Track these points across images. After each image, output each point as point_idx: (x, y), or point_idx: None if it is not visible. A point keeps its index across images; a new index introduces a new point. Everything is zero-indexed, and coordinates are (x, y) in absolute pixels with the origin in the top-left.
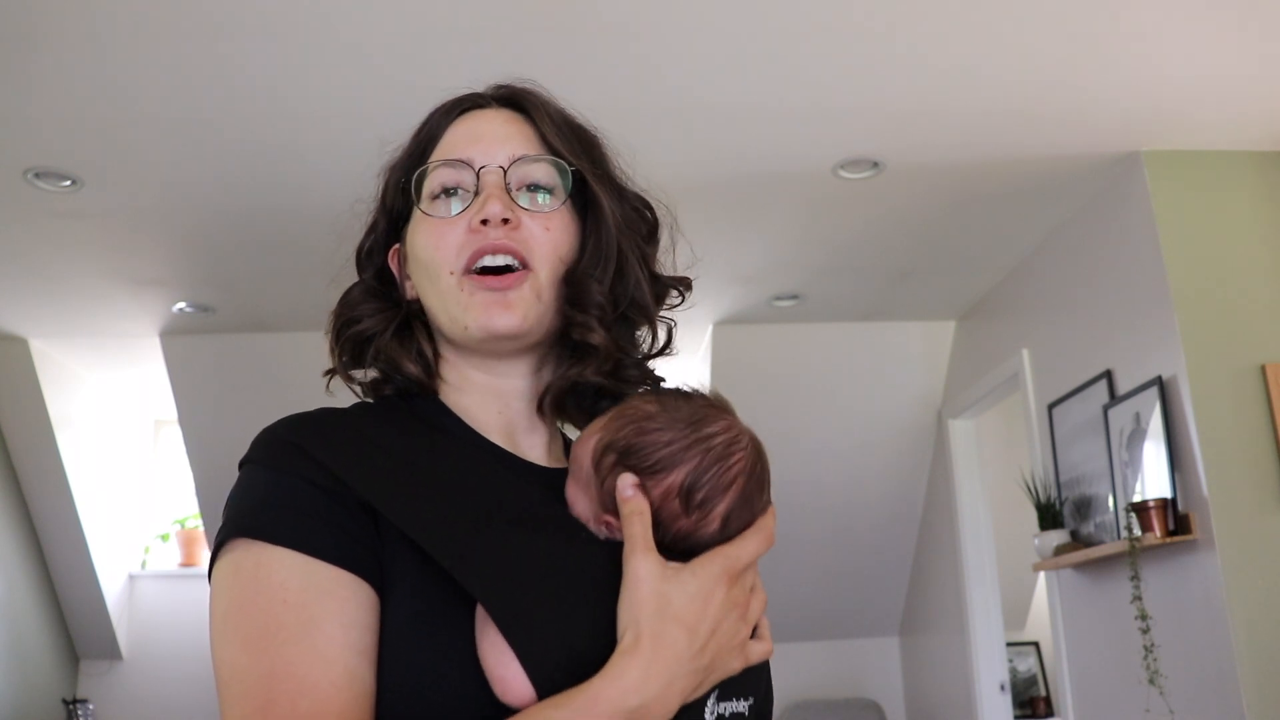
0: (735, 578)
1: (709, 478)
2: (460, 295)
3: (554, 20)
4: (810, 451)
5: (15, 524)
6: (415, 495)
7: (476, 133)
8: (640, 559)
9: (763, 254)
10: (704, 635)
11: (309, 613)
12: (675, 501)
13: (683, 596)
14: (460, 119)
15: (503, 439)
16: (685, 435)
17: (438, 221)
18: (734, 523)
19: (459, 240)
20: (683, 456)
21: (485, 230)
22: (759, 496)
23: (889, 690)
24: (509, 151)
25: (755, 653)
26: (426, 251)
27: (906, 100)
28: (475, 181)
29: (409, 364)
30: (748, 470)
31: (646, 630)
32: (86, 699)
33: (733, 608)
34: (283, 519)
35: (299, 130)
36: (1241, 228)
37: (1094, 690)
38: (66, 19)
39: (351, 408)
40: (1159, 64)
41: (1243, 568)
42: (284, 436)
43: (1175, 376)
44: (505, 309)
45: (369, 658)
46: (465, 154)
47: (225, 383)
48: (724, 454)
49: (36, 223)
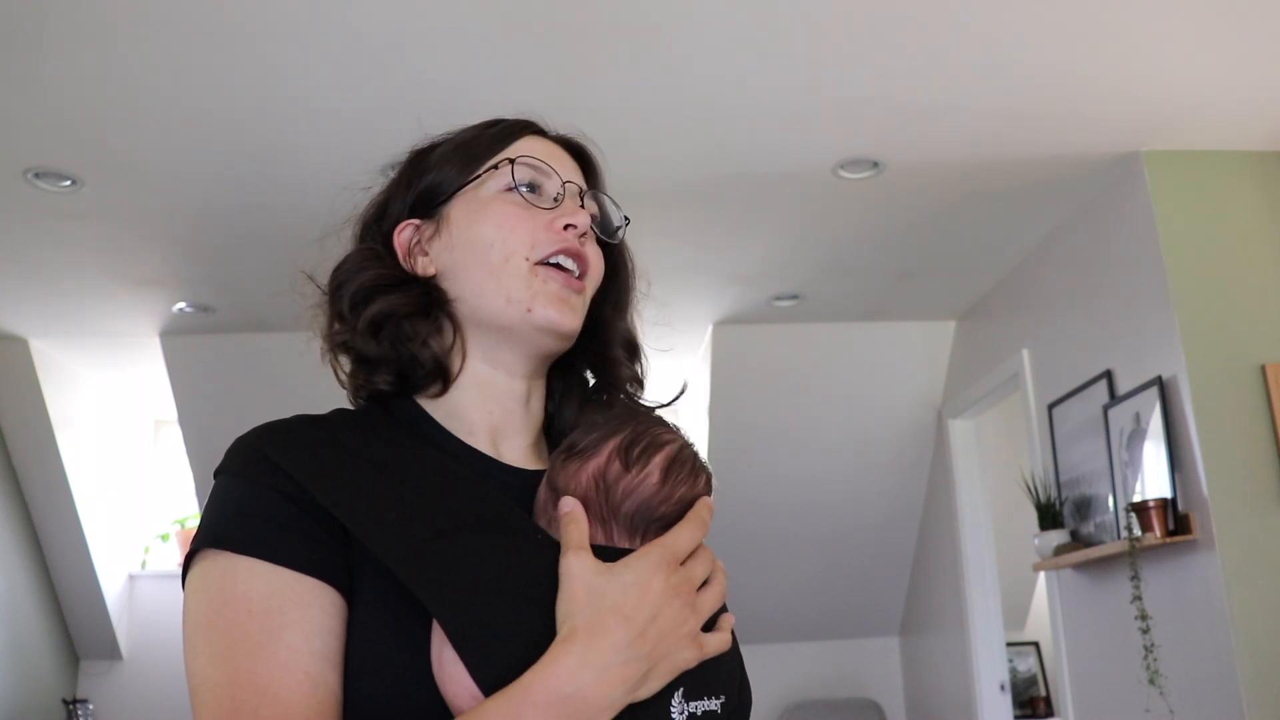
0: (673, 565)
1: (644, 436)
2: (533, 281)
3: (553, 21)
4: (810, 451)
5: (15, 524)
6: (378, 503)
7: (553, 153)
8: (572, 556)
9: (763, 254)
10: (642, 622)
11: (273, 621)
12: (616, 462)
13: (617, 587)
14: (531, 138)
15: (486, 440)
16: (620, 417)
17: (518, 208)
18: (673, 478)
19: (536, 231)
20: (620, 426)
21: (568, 234)
22: (697, 472)
23: (889, 690)
24: (579, 181)
25: (712, 644)
26: (497, 233)
27: (906, 100)
28: (560, 188)
29: (436, 346)
30: (680, 442)
31: (581, 622)
32: (86, 699)
33: (674, 596)
34: (249, 528)
35: (299, 130)
36: (1241, 228)
37: (1094, 690)
38: (66, 19)
39: (330, 414)
40: (1159, 64)
41: (1243, 568)
42: (253, 445)
43: (1175, 376)
44: (571, 310)
45: (334, 663)
46: (549, 163)
47: (225, 383)
48: (657, 424)
49: (36, 223)
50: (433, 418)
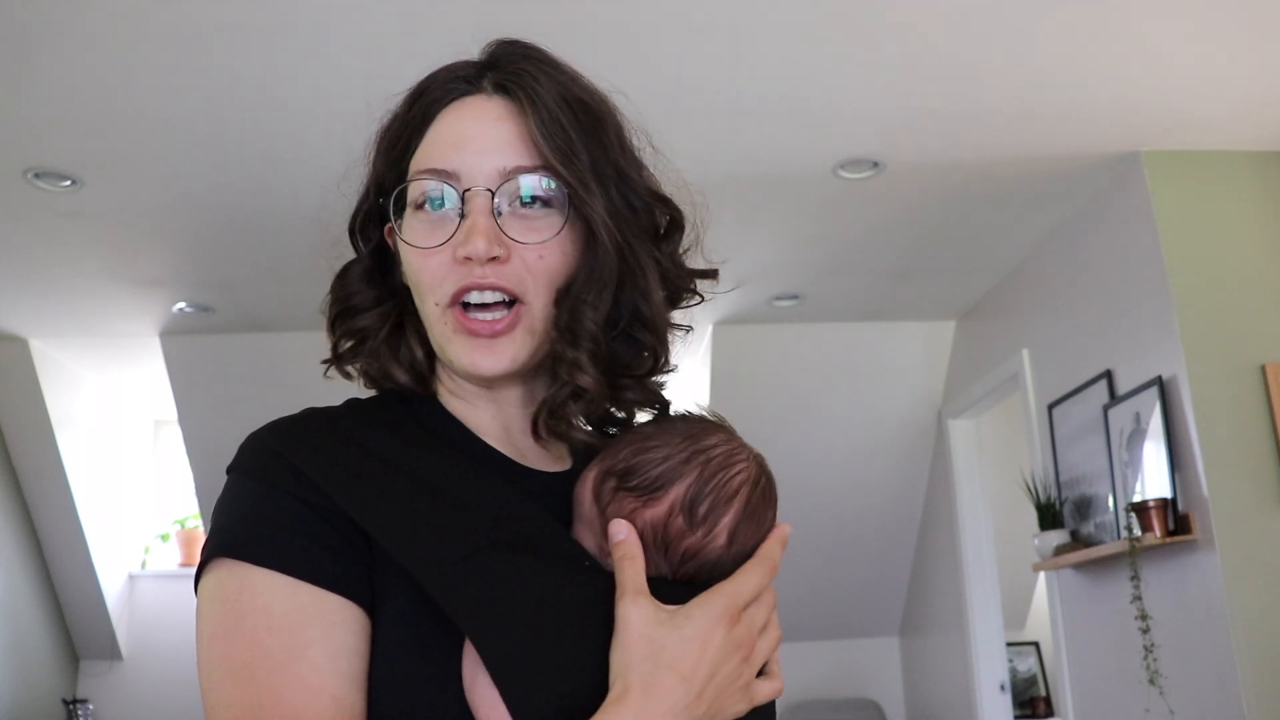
0: (737, 616)
1: (711, 488)
2: (444, 328)
3: (550, 20)
4: (810, 451)
5: (15, 524)
6: (406, 513)
7: (463, 134)
8: (630, 603)
9: (763, 254)
10: (700, 682)
11: (294, 639)
12: (679, 518)
13: (677, 641)
14: (450, 108)
15: (502, 442)
16: (683, 449)
17: (420, 241)
18: (741, 537)
19: (443, 268)
20: (682, 470)
21: (471, 265)
22: (766, 511)
23: (889, 690)
24: (498, 163)
25: (762, 693)
26: (411, 269)
27: (906, 100)
28: (460, 202)
29: (399, 372)
30: (751, 480)
31: (636, 680)
32: (86, 699)
33: (734, 650)
34: (267, 538)
35: (299, 130)
36: (1241, 228)
37: (1094, 690)
38: (65, 19)
39: (343, 408)
40: (1159, 64)
41: (1243, 568)
42: (270, 445)
43: (1175, 376)
44: (491, 354)
45: (357, 683)
46: (450, 163)
47: (225, 383)
48: (725, 464)
49: (36, 223)
50: (452, 415)
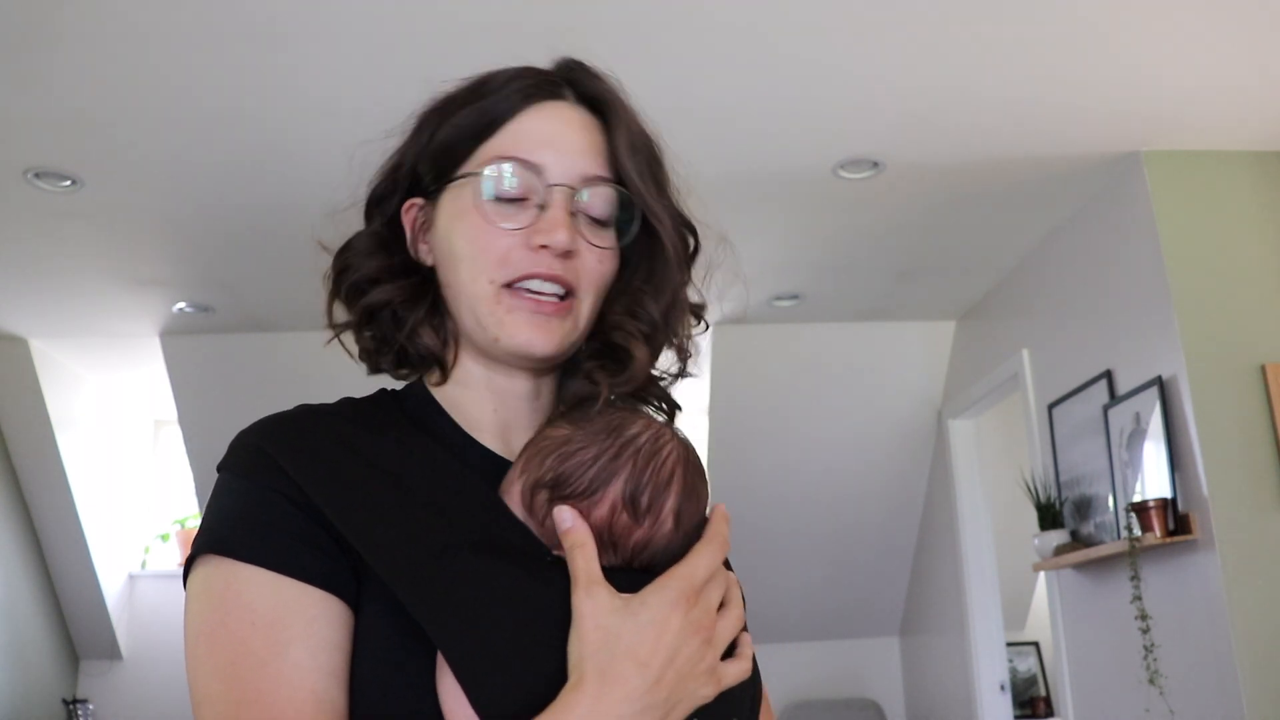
0: (693, 598)
1: (648, 478)
2: (496, 308)
3: (552, 20)
4: (810, 451)
5: (15, 524)
6: (379, 513)
7: (552, 134)
8: (584, 593)
9: (763, 254)
10: (659, 667)
11: (276, 636)
12: (623, 514)
13: (633, 628)
14: (536, 107)
15: (496, 438)
16: (609, 444)
17: (490, 221)
18: (686, 517)
19: (509, 250)
20: (614, 466)
21: (543, 254)
22: (700, 484)
23: (889, 690)
24: (582, 168)
25: (730, 675)
26: (468, 247)
27: (906, 100)
28: (543, 193)
29: (428, 338)
30: (682, 459)
31: (591, 668)
32: (86, 699)
33: (694, 633)
34: (252, 535)
35: (299, 130)
36: (1241, 228)
37: (1094, 690)
38: (66, 20)
39: (336, 405)
40: (1159, 64)
41: (1243, 568)
42: (255, 443)
43: (1175, 376)
44: (546, 333)
45: (339, 678)
46: (538, 156)
47: (225, 383)
48: (654, 450)
49: (36, 223)
50: (443, 409)
